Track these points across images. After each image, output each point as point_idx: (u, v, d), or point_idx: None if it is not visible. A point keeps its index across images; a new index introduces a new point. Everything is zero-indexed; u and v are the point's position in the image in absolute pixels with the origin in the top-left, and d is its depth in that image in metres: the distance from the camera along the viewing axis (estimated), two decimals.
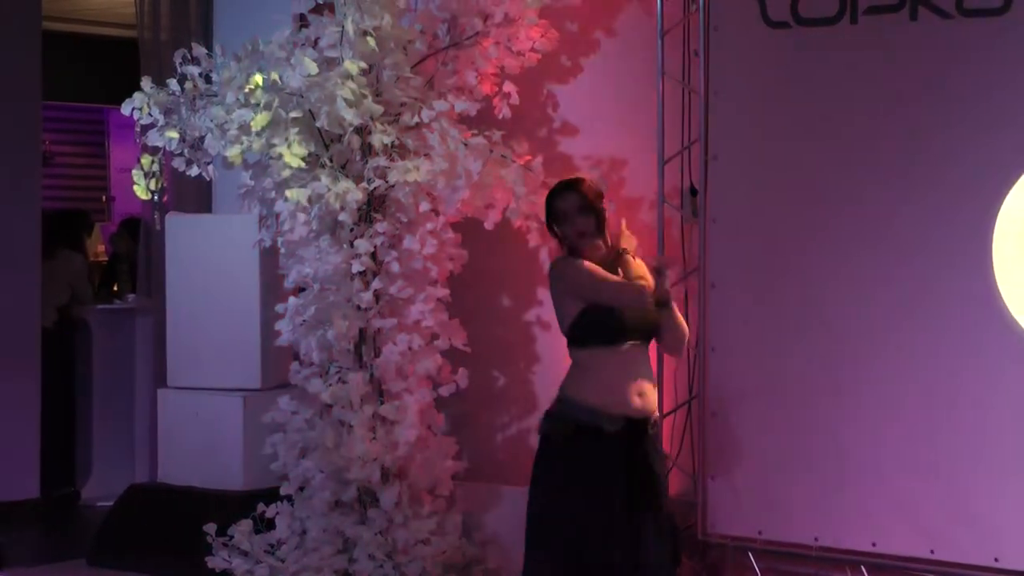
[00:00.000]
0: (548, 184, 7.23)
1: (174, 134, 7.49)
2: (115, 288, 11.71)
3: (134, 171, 7.71)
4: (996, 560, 6.47)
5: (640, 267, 5.56)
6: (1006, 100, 6.42)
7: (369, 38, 7.13)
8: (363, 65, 7.12)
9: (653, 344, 5.68)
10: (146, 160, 7.71)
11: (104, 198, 16.26)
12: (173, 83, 7.49)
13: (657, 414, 5.62)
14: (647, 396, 5.54)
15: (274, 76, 7.15)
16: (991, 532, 6.48)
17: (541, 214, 7.22)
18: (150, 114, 7.49)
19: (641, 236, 5.80)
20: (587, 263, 5.57)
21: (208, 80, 7.47)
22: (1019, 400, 6.42)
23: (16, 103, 9.69)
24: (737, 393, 7.18)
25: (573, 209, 5.57)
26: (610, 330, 5.50)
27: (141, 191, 7.71)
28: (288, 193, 7.03)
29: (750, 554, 7.15)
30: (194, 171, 7.64)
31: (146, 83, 7.55)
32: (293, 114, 7.07)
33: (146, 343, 9.88)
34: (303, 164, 7.07)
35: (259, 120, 7.02)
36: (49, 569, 8.32)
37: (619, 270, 5.55)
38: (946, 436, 6.58)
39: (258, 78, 7.14)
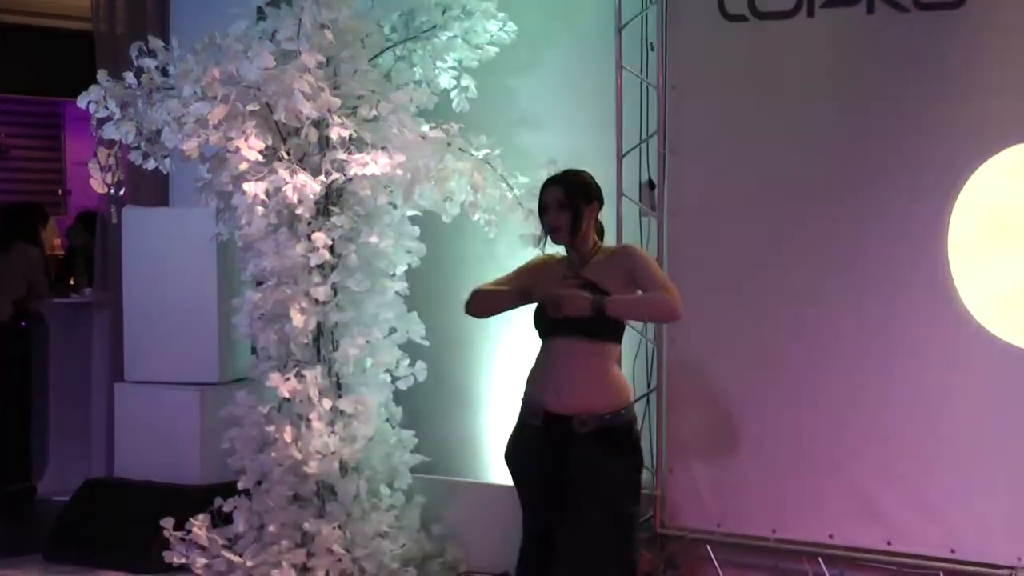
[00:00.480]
0: (505, 178, 7.26)
1: (131, 127, 7.46)
2: (71, 282, 11.63)
3: (91, 164, 7.67)
4: (952, 552, 6.51)
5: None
6: (963, 92, 6.45)
7: (327, 31, 7.11)
8: (321, 58, 7.10)
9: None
10: (102, 153, 7.67)
11: (60, 191, 16.17)
12: (129, 76, 7.46)
13: (592, 414, 5.35)
14: (570, 395, 5.39)
15: (231, 69, 7.13)
16: (947, 523, 6.52)
17: (500, 207, 7.26)
18: (106, 107, 7.46)
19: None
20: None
21: (165, 73, 7.44)
22: (974, 393, 6.46)
23: None
24: (696, 387, 7.21)
25: (552, 203, 5.53)
26: (536, 324, 5.56)
27: (98, 184, 7.67)
28: (245, 187, 7.00)
29: (708, 546, 7.18)
30: (151, 164, 7.61)
31: (102, 76, 7.52)
32: (250, 107, 7.04)
33: (103, 337, 9.83)
34: (260, 157, 7.04)
35: (216, 113, 6.99)
36: (5, 564, 8.25)
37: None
38: (903, 429, 6.62)
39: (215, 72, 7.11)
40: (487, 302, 5.66)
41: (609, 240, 5.79)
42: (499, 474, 5.85)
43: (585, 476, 5.37)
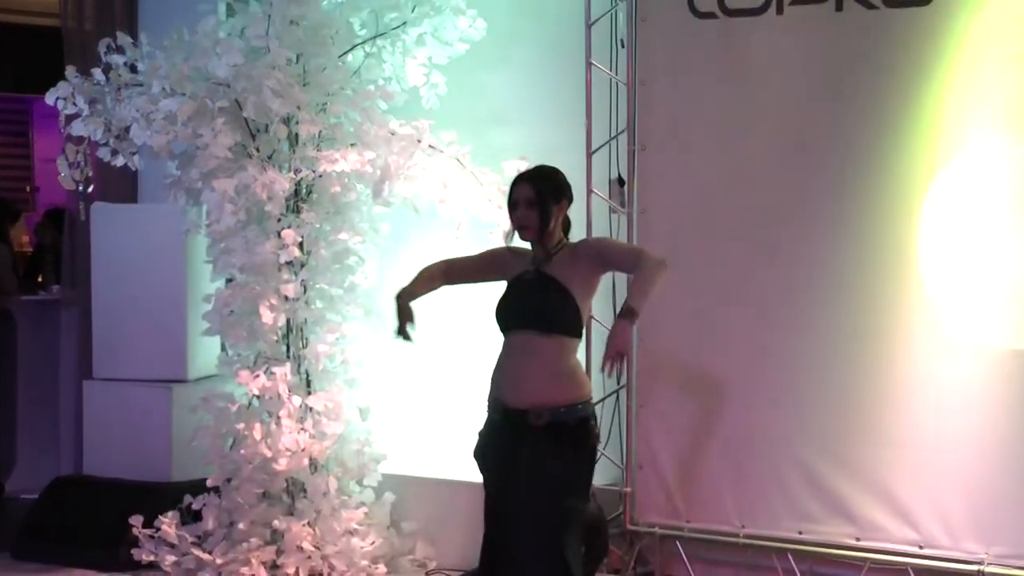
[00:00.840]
0: (475, 175, 7.26)
1: (99, 124, 7.43)
2: (40, 279, 11.58)
3: (59, 161, 7.64)
4: (920, 547, 6.54)
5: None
6: (931, 89, 6.46)
7: (296, 27, 7.10)
8: (290, 54, 7.09)
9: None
10: (71, 150, 7.64)
11: (28, 188, 16.11)
12: (98, 73, 7.44)
13: (546, 407, 5.31)
14: (526, 389, 5.35)
15: (200, 65, 7.11)
16: (914, 519, 6.55)
17: (470, 204, 7.25)
18: (75, 104, 7.43)
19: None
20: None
21: (133, 70, 7.42)
22: (944, 391, 6.48)
23: None
24: (665, 383, 7.21)
25: (521, 200, 5.49)
26: (496, 318, 5.56)
27: (66, 181, 7.64)
28: (216, 184, 6.98)
29: (678, 543, 7.19)
30: (120, 161, 7.59)
31: (71, 73, 7.49)
32: (219, 104, 7.03)
33: (71, 334, 9.78)
34: (229, 154, 7.02)
35: (185, 110, 6.97)
36: None
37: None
38: (872, 426, 6.64)
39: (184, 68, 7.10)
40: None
41: (578, 236, 5.78)
42: (469, 471, 5.83)
43: (534, 468, 5.32)
